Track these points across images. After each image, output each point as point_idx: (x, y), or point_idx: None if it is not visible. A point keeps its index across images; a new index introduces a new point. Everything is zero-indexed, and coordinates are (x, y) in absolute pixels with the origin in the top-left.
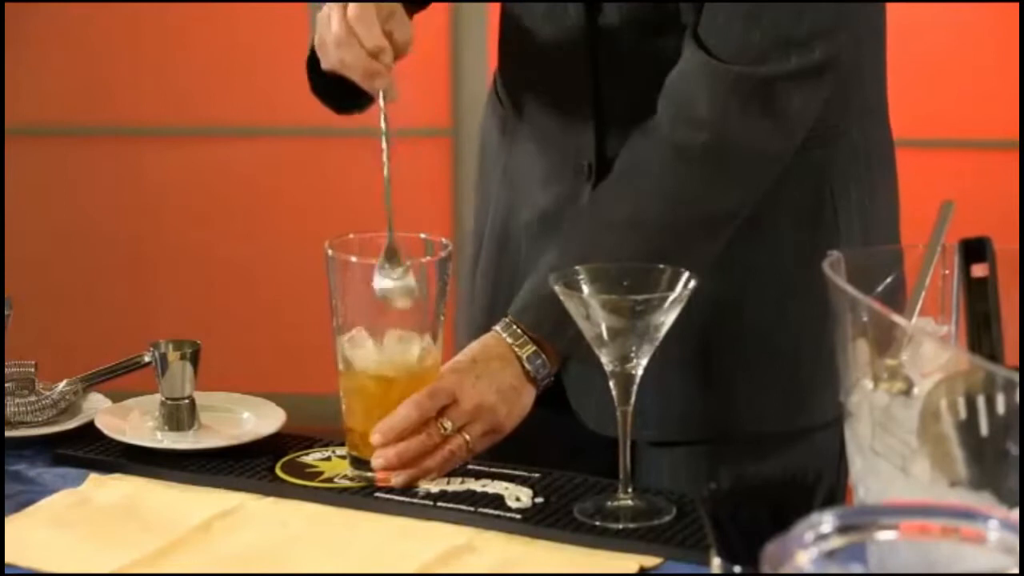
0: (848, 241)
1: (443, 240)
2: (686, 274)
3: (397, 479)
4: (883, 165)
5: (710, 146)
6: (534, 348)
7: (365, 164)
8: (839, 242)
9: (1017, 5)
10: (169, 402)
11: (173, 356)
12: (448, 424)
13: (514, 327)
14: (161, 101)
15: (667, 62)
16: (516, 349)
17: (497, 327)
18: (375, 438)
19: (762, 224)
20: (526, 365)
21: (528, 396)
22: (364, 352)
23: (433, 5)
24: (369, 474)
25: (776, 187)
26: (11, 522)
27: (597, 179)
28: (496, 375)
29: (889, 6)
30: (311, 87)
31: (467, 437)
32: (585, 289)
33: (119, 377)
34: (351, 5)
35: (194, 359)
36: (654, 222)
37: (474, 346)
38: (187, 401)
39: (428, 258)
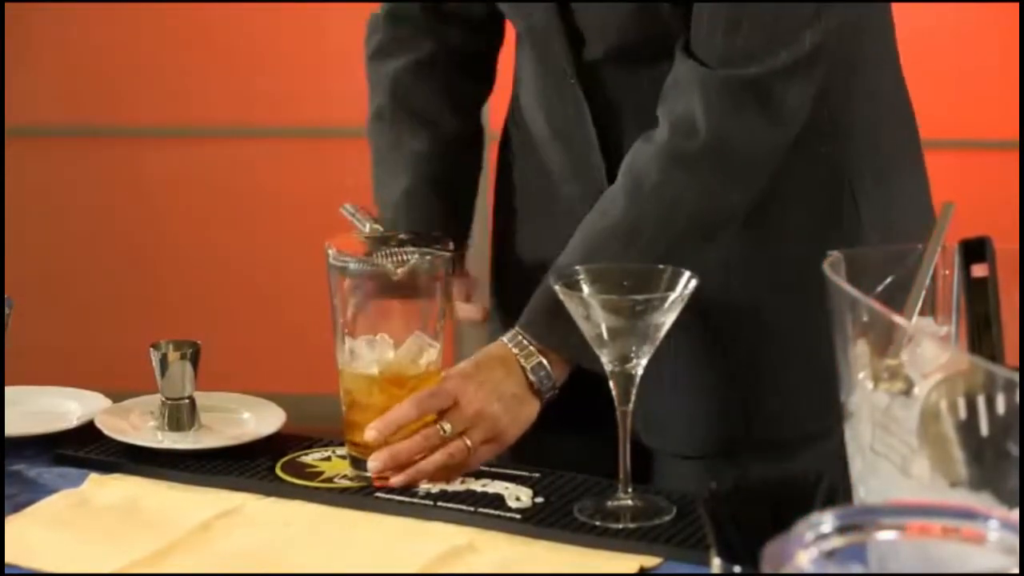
0: (873, 234)
1: (445, 237)
2: (686, 274)
3: (395, 479)
4: (905, 155)
5: (707, 151)
6: (538, 359)
7: (366, 165)
8: (863, 236)
9: (1017, 5)
10: (169, 402)
11: (173, 356)
12: (447, 427)
13: (519, 337)
14: (161, 102)
15: (656, 90)
16: (520, 360)
17: (503, 337)
18: (369, 434)
19: (784, 225)
20: (530, 376)
21: (531, 407)
22: (364, 352)
23: None
24: (367, 474)
25: (792, 187)
26: (11, 522)
27: None
28: (499, 383)
29: (891, 6)
30: None
31: (468, 442)
32: (585, 289)
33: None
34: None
35: (194, 359)
36: (655, 229)
37: (478, 354)
38: (187, 401)
39: (430, 254)
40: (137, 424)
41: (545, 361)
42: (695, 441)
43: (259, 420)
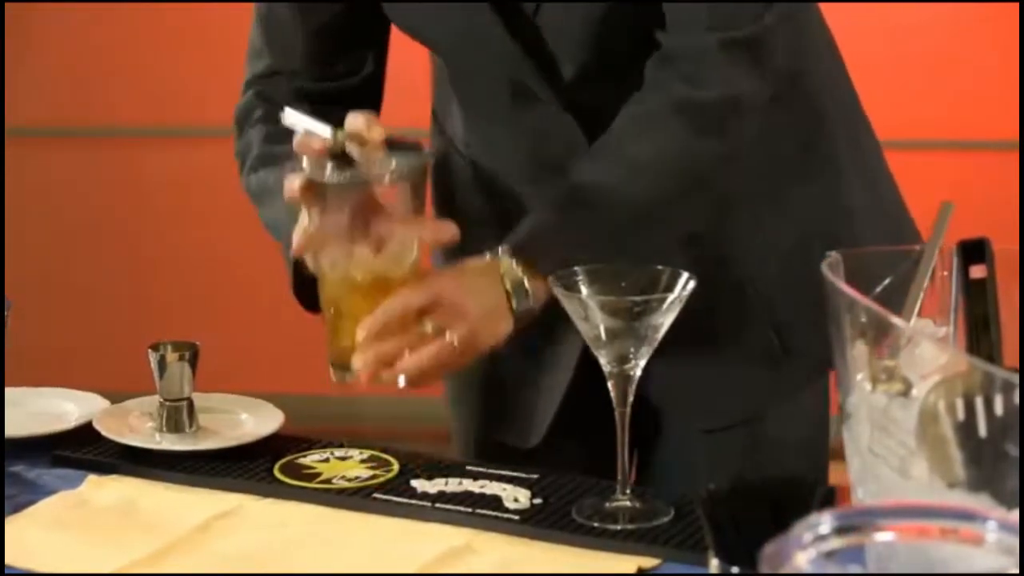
0: (852, 189)
1: (422, 143)
2: (684, 275)
3: (385, 376)
4: (857, 115)
5: (719, 102)
6: (522, 281)
7: None
8: (843, 189)
9: (1017, 5)
10: (168, 403)
11: (172, 357)
12: (429, 325)
13: (506, 258)
14: (157, 102)
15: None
16: (505, 280)
17: (489, 253)
18: (360, 334)
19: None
20: (512, 298)
21: (505, 324)
22: (341, 257)
23: None
24: (350, 378)
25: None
26: (10, 523)
27: None
28: (481, 291)
29: (890, 6)
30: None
31: (454, 340)
32: (584, 290)
33: None
34: None
35: (192, 360)
36: (664, 168)
37: (461, 264)
38: (185, 402)
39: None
40: (135, 425)
41: (528, 285)
42: (718, 411)
43: (257, 421)
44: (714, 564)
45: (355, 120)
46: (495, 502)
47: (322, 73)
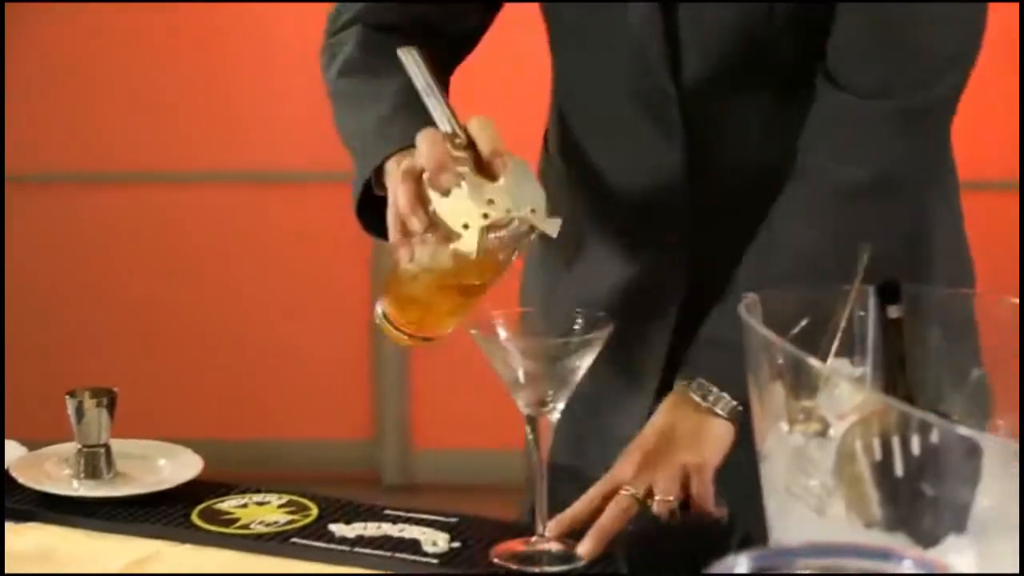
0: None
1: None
2: (602, 315)
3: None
4: (959, 212)
5: (878, 181)
6: (726, 398)
7: (283, 211)
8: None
9: (1016, 5)
10: (85, 450)
11: (89, 404)
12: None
13: (690, 394)
14: (79, 146)
15: (753, 116)
16: (713, 407)
17: (684, 386)
18: (552, 529)
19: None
20: (720, 413)
21: (725, 431)
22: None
23: None
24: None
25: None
26: None
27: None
28: (681, 449)
29: None
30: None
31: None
32: (502, 334)
33: None
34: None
35: (110, 406)
36: (834, 264)
37: (657, 422)
38: (103, 449)
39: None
40: (53, 472)
41: (720, 394)
42: None
43: (175, 467)
44: None
45: (483, 128)
46: (414, 546)
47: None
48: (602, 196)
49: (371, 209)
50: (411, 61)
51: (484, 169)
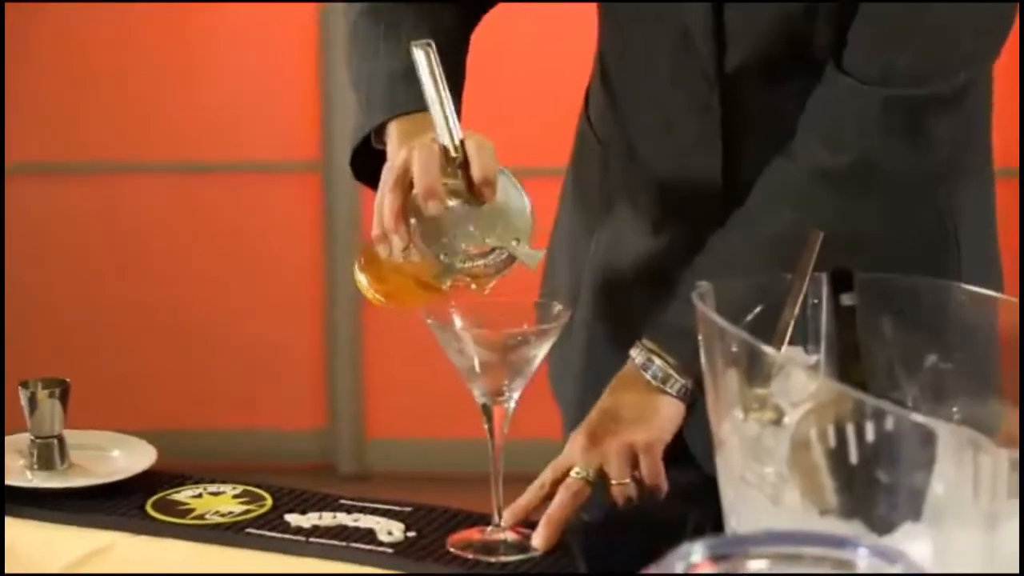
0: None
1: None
2: (558, 307)
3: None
4: (992, 209)
5: (855, 168)
6: (669, 375)
7: (234, 201)
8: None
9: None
10: (38, 441)
11: (42, 395)
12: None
13: (651, 359)
14: (29, 137)
15: (792, 108)
16: (660, 385)
17: (637, 360)
18: (507, 519)
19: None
20: (669, 391)
21: (674, 410)
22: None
23: (301, 34)
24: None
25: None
26: None
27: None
28: (630, 427)
29: None
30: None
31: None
32: (458, 322)
33: None
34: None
35: (63, 397)
36: (796, 244)
37: (604, 401)
38: (56, 439)
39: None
40: (6, 463)
41: (674, 373)
42: None
43: (130, 458)
44: None
45: (480, 150)
46: (369, 535)
47: None
48: (635, 171)
49: (365, 158)
50: (424, 60)
51: (475, 189)
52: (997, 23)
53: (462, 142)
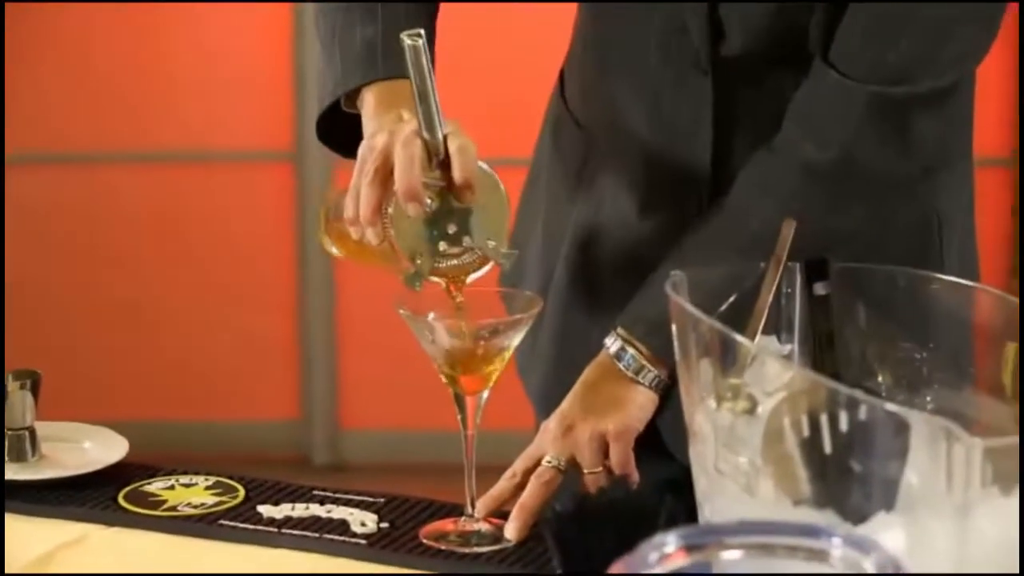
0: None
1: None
2: (530, 296)
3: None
4: (971, 202)
5: (838, 163)
6: (642, 366)
7: (207, 191)
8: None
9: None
10: (10, 432)
11: (13, 386)
12: (552, 459)
13: (626, 349)
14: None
15: (784, 99)
16: (633, 375)
17: (609, 348)
18: (480, 510)
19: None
20: (642, 382)
21: (647, 400)
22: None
23: (276, 25)
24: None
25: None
26: None
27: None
28: (606, 397)
29: None
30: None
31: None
32: (430, 313)
33: None
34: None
35: (34, 389)
36: (777, 236)
37: (576, 390)
38: (28, 431)
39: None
40: None
41: (648, 365)
42: None
43: (101, 449)
44: None
45: (462, 152)
46: (342, 527)
47: None
48: (620, 156)
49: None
50: (413, 53)
51: (454, 189)
52: (985, 24)
53: (445, 138)
